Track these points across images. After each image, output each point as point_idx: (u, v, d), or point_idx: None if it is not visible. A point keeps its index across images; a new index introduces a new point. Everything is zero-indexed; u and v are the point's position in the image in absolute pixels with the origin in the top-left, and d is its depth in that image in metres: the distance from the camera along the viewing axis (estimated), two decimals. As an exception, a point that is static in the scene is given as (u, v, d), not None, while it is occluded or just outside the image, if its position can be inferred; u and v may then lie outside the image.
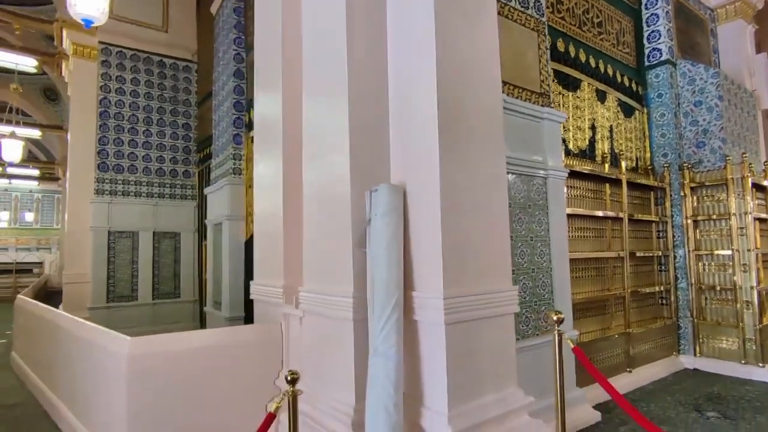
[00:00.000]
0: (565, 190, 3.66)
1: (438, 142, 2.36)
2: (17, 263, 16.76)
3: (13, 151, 10.05)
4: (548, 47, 3.65)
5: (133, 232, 7.38)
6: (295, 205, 3.28)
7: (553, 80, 3.90)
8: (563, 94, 4.10)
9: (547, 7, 3.95)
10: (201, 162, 8.01)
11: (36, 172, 18.33)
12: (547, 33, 3.65)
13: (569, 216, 3.74)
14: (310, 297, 2.81)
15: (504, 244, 2.64)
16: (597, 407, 3.36)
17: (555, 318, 2.33)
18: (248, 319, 5.40)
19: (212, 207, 6.24)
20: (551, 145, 3.43)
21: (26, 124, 12.13)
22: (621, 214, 4.34)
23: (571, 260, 3.57)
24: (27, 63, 9.48)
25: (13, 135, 10.05)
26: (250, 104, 5.78)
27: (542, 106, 3.45)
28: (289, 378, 1.98)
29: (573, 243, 3.82)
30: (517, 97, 3.30)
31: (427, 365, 2.36)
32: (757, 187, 4.84)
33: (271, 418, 1.98)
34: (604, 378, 2.21)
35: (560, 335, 2.30)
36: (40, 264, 17.71)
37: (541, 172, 3.34)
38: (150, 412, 2.61)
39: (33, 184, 19.74)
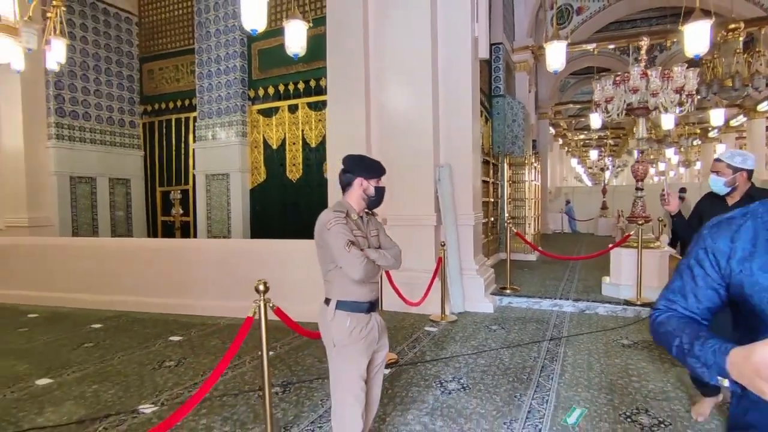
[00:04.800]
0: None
1: (473, 145, 5.59)
2: None
3: None
4: (478, 93, 7.12)
5: (91, 178, 7.77)
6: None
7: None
8: (474, 115, 7.68)
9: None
10: (147, 115, 8.63)
11: None
12: (476, 85, 7.09)
13: (477, 180, 7.44)
14: (401, 217, 5.64)
15: (480, 192, 6.12)
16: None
17: (509, 221, 5.96)
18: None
19: (207, 160, 7.62)
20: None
21: None
22: (494, 180, 8.36)
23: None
24: None
25: None
26: (252, 83, 7.43)
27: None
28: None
29: (476, 193, 7.56)
30: (471, 121, 6.70)
31: (463, 244, 5.65)
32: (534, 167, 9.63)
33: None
34: (531, 243, 6.01)
35: (509, 227, 5.96)
36: None
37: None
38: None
39: None
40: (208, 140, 7.66)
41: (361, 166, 1.97)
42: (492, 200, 8.94)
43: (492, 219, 9.07)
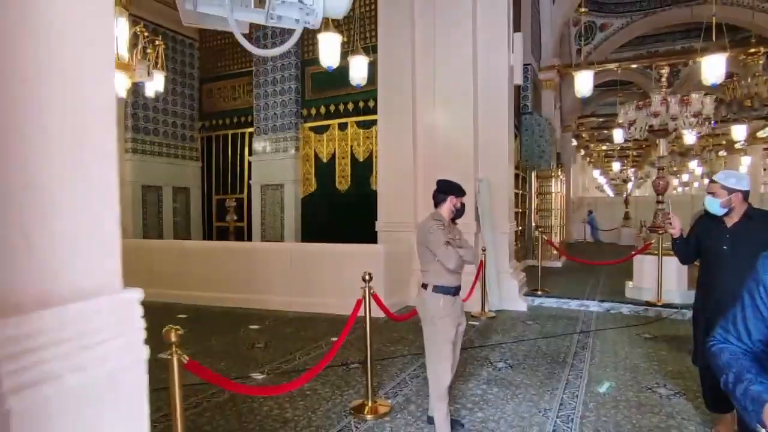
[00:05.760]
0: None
1: (509, 161, 6.27)
2: None
3: None
4: (510, 113, 7.81)
5: (158, 187, 8.70)
6: (416, 183, 6.65)
7: (505, 126, 8.10)
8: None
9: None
10: (204, 130, 9.56)
11: None
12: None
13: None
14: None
15: (513, 203, 6.79)
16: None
17: (541, 229, 6.60)
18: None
19: (262, 172, 8.47)
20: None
21: None
22: (522, 191, 9.00)
23: (511, 212, 7.95)
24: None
25: None
26: (305, 103, 8.26)
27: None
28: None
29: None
30: (504, 138, 7.37)
31: (499, 250, 6.31)
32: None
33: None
34: (561, 250, 6.62)
35: (541, 235, 6.59)
36: None
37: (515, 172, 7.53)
38: (388, 273, 5.83)
39: None
40: (263, 154, 8.51)
41: (453, 188, 2.69)
42: (520, 210, 9.55)
43: (520, 228, 9.67)
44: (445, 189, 2.70)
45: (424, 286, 2.66)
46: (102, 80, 0.85)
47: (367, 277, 3.07)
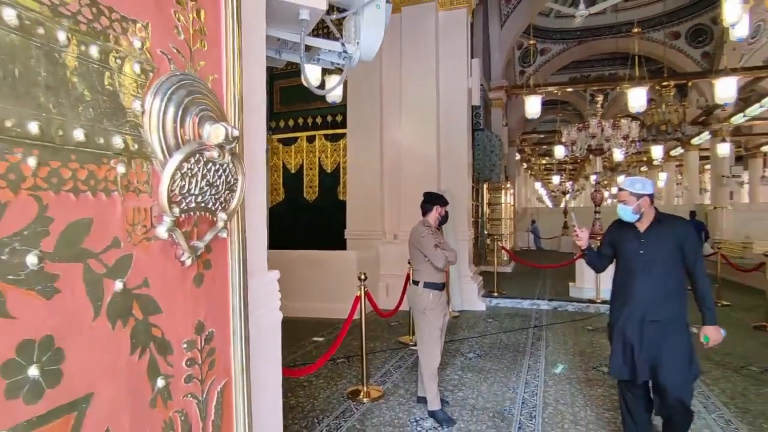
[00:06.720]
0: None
1: (467, 174, 6.93)
2: None
3: None
4: (466, 130, 8.54)
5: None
6: (383, 193, 7.14)
7: (462, 142, 8.80)
8: (461, 147, 9.08)
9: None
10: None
11: None
12: (465, 123, 8.50)
13: (465, 202, 8.79)
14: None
15: (471, 213, 7.46)
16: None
17: (496, 237, 7.29)
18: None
19: (230, 182, 8.58)
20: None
21: None
22: (475, 202, 9.74)
23: (468, 221, 8.64)
24: None
25: None
26: (273, 115, 8.53)
27: (466, 157, 8.31)
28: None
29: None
30: (462, 154, 8.05)
31: (461, 255, 6.91)
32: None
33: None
34: (514, 255, 7.33)
35: (496, 242, 7.28)
36: None
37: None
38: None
39: None
40: (231, 164, 8.64)
41: (438, 199, 3.18)
42: (473, 220, 10.31)
43: (475, 235, 10.42)
44: (432, 200, 3.19)
45: (416, 282, 3.12)
46: (261, 128, 1.24)
47: (362, 277, 3.48)
